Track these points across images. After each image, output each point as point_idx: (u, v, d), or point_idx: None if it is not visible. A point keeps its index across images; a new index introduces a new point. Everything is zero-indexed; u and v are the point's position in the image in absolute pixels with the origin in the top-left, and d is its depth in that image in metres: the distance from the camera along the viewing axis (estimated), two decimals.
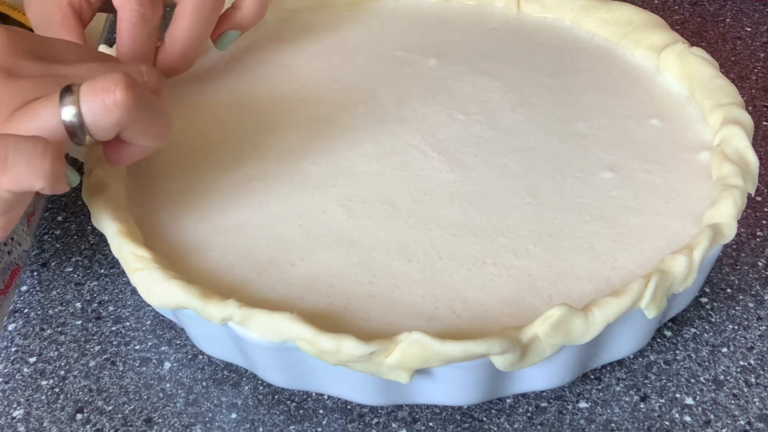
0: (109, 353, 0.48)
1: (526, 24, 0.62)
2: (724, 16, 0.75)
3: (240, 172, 0.50)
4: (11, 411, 0.45)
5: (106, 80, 0.38)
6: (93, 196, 0.46)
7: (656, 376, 0.46)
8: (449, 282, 0.44)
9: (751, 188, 0.46)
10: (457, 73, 0.57)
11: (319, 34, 0.61)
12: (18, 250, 0.69)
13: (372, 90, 0.56)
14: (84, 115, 0.38)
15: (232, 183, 0.49)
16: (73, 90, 0.38)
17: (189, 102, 0.55)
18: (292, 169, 0.50)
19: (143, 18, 0.48)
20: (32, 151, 0.37)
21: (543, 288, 0.43)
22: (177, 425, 0.45)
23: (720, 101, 0.51)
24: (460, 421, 0.45)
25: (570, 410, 0.45)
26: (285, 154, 0.51)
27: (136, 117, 0.39)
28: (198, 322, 0.42)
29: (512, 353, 0.38)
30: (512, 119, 0.53)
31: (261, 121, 0.53)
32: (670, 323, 0.49)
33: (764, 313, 0.50)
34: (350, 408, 0.45)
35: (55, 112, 0.38)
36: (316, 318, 0.40)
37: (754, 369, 0.47)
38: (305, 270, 0.44)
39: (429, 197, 0.48)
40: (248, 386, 0.46)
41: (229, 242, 0.46)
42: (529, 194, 0.48)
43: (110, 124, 0.39)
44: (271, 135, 0.52)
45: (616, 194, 0.48)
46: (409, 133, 0.52)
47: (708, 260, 0.44)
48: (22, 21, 0.99)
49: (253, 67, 0.58)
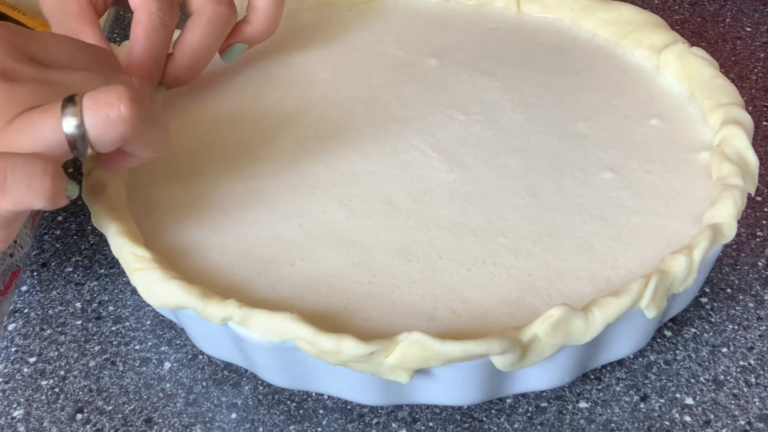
0: (109, 353, 0.48)
1: (526, 24, 0.62)
2: (724, 16, 0.75)
3: (240, 172, 0.50)
4: (11, 411, 0.45)
5: (109, 93, 0.37)
6: (93, 196, 0.46)
7: (656, 376, 0.46)
8: (449, 282, 0.44)
9: (751, 188, 0.46)
10: (457, 73, 0.57)
11: (320, 34, 0.61)
12: (20, 253, 0.69)
13: (372, 90, 0.56)
14: (87, 128, 0.37)
15: (232, 183, 0.49)
16: (76, 101, 0.37)
17: (188, 102, 0.55)
18: (292, 169, 0.50)
19: (162, 23, 0.47)
20: (32, 170, 0.36)
21: (543, 288, 0.43)
22: (177, 425, 0.45)
23: (720, 101, 0.51)
24: (460, 421, 0.45)
25: (570, 410, 0.45)
26: (285, 153, 0.51)
27: (139, 131, 0.39)
28: (198, 322, 0.42)
29: (512, 353, 0.38)
30: (512, 119, 0.53)
31: (261, 121, 0.53)
32: (670, 323, 0.49)
33: (764, 313, 0.50)
34: (350, 408, 0.45)
35: (56, 126, 0.37)
36: (316, 318, 0.40)
37: (754, 369, 0.47)
38: (305, 270, 0.44)
39: (429, 197, 0.48)
40: (248, 386, 0.46)
41: (229, 242, 0.46)
42: (529, 194, 0.48)
43: (114, 138, 0.38)
44: (270, 135, 0.52)
45: (615, 194, 0.48)
46: (409, 133, 0.52)
47: (708, 260, 0.44)
48: (21, 21, 0.99)
49: (252, 67, 0.58)
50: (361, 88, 0.56)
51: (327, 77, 0.57)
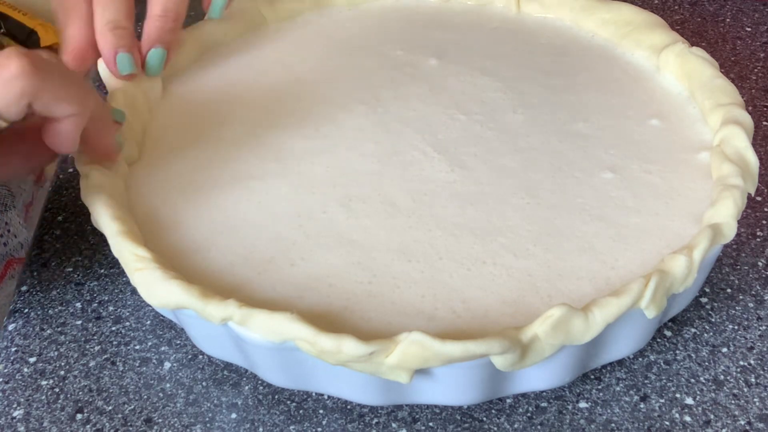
0: (109, 353, 0.48)
1: (526, 24, 0.62)
2: (724, 16, 0.75)
3: (240, 172, 0.50)
4: (11, 411, 0.45)
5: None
6: (93, 196, 0.46)
7: (656, 376, 0.46)
8: (449, 282, 0.44)
9: (751, 188, 0.46)
10: (457, 73, 0.57)
11: (320, 34, 0.61)
12: (14, 242, 0.69)
13: (372, 90, 0.56)
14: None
15: (233, 183, 0.49)
16: None
17: (189, 103, 0.55)
18: (292, 168, 0.50)
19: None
20: None
21: (543, 288, 0.43)
22: (177, 425, 0.45)
23: (720, 101, 0.51)
24: (460, 421, 0.45)
25: (570, 410, 0.45)
26: (285, 153, 0.51)
27: (41, 84, 0.38)
28: (198, 322, 0.42)
29: (512, 353, 0.38)
30: (513, 119, 0.53)
31: (261, 122, 0.53)
32: (670, 323, 0.49)
33: (764, 313, 0.50)
34: (350, 408, 0.45)
35: None
36: (316, 318, 0.40)
37: (754, 369, 0.47)
38: (305, 270, 0.44)
39: (429, 197, 0.48)
40: (248, 386, 0.46)
41: (229, 242, 0.46)
42: (529, 194, 0.48)
43: (15, 96, 0.38)
44: (271, 135, 0.52)
45: (616, 194, 0.48)
46: (410, 133, 0.52)
47: (708, 260, 0.44)
48: (22, 21, 0.99)
49: (253, 67, 0.58)
50: (362, 88, 0.56)
51: (328, 77, 0.57)
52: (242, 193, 0.48)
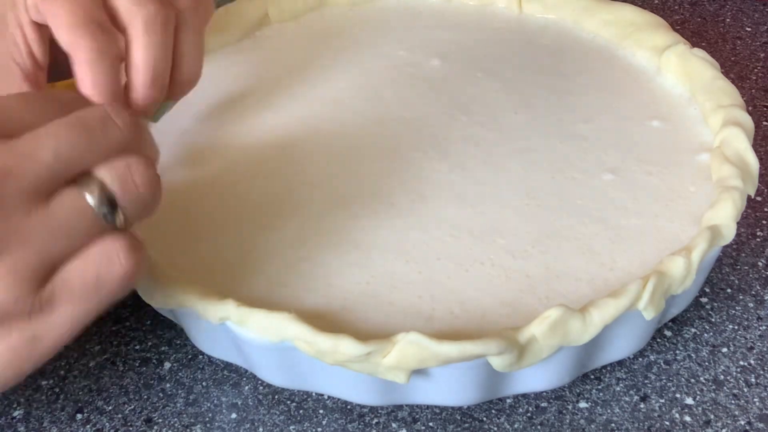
0: (109, 353, 0.48)
1: (528, 24, 0.62)
2: (724, 16, 0.75)
3: (240, 172, 0.50)
4: (11, 411, 0.46)
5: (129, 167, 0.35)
6: None
7: (656, 376, 0.46)
8: (447, 283, 0.44)
9: (751, 190, 0.46)
10: (459, 73, 0.57)
11: (321, 34, 0.61)
12: None
13: (374, 89, 0.56)
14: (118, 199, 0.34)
15: (233, 182, 0.49)
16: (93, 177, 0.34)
17: (189, 103, 0.55)
18: (290, 168, 0.50)
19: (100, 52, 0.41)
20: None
21: (541, 289, 0.43)
22: (177, 425, 0.45)
23: (721, 102, 0.51)
24: (460, 421, 0.45)
25: (570, 410, 0.45)
26: (283, 153, 0.51)
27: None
28: (198, 322, 0.42)
29: (509, 354, 0.38)
30: (513, 120, 0.53)
31: (260, 121, 0.53)
32: (670, 323, 0.49)
33: (764, 313, 0.50)
34: (350, 408, 0.45)
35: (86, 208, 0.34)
36: (314, 318, 0.40)
37: (754, 369, 0.47)
38: (304, 270, 0.44)
39: (428, 198, 0.48)
40: (248, 386, 0.46)
41: (229, 242, 0.46)
42: (529, 195, 0.48)
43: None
44: (269, 134, 0.52)
45: (615, 196, 0.48)
46: (410, 133, 0.52)
47: (707, 261, 0.44)
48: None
49: (253, 68, 0.58)
50: (363, 88, 0.56)
51: (328, 77, 0.57)
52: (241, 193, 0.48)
